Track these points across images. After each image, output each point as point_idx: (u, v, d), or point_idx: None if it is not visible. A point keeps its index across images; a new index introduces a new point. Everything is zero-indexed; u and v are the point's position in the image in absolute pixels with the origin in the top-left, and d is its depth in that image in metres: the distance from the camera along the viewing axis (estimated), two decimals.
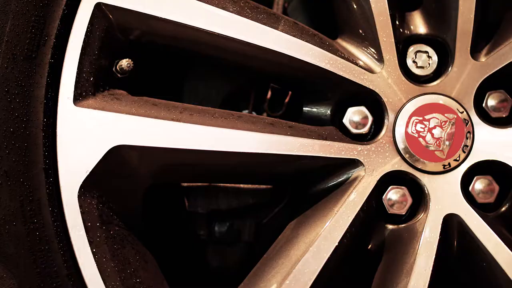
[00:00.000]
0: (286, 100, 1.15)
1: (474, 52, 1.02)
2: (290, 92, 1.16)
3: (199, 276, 1.15)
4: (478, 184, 1.03)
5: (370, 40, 1.01)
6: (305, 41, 0.97)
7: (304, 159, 0.97)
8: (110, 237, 0.93)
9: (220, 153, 0.94)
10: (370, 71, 1.01)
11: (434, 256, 0.96)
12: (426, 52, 1.05)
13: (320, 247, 0.94)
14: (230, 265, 1.15)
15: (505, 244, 0.97)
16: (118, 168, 0.94)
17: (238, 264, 1.13)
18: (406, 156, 1.00)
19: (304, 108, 1.07)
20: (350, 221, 0.96)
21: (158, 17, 0.94)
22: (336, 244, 0.95)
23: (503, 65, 1.01)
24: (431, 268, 0.95)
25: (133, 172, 0.95)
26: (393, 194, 1.02)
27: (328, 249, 0.94)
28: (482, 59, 1.02)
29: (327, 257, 0.94)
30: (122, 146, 0.92)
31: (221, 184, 1.14)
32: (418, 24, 1.07)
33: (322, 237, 0.95)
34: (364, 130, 1.03)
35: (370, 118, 1.03)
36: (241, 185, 1.14)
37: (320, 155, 0.97)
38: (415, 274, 0.95)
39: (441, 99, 1.02)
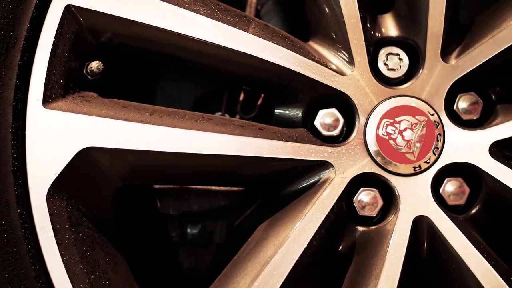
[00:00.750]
0: (259, 102, 1.15)
1: (445, 54, 1.02)
2: (262, 95, 1.17)
3: (171, 278, 1.15)
4: (449, 186, 1.04)
5: (341, 42, 1.02)
6: (276, 43, 0.98)
7: (274, 161, 0.97)
8: (79, 239, 0.93)
9: (190, 155, 0.94)
10: (341, 73, 1.01)
11: (403, 258, 0.96)
12: (398, 54, 1.05)
13: (289, 249, 0.95)
14: (202, 266, 1.15)
15: (473, 246, 0.97)
16: (87, 170, 0.94)
17: (210, 266, 1.14)
18: (377, 158, 1.01)
19: (276, 110, 1.07)
20: (320, 223, 0.96)
21: (127, 19, 0.94)
22: (305, 246, 0.95)
23: (473, 67, 1.01)
24: (400, 270, 0.96)
25: (102, 174, 0.95)
26: (364, 196, 1.03)
27: (297, 251, 0.95)
28: (453, 61, 1.02)
29: (296, 259, 0.94)
30: (91, 148, 0.92)
31: (193, 186, 1.14)
32: (390, 27, 1.07)
33: (291, 239, 0.95)
34: (336, 132, 1.03)
35: (341, 120, 1.04)
36: (213, 187, 1.14)
37: (290, 157, 0.97)
38: (384, 276, 0.95)
39: (411, 102, 1.02)
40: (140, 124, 0.93)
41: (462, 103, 1.05)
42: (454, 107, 1.05)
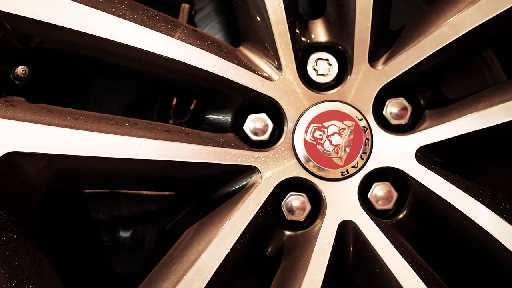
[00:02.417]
0: (191, 107, 1.15)
1: (373, 60, 1.03)
2: (195, 100, 1.17)
3: (103, 282, 1.15)
4: (377, 191, 1.04)
5: (269, 48, 1.02)
6: (202, 48, 0.98)
7: (199, 166, 0.97)
8: (2, 243, 0.93)
9: (112, 160, 0.94)
10: (269, 78, 1.01)
11: (327, 262, 0.97)
12: (327, 59, 1.06)
13: (212, 253, 0.95)
14: (134, 271, 1.15)
15: (397, 250, 0.97)
16: (11, 175, 0.93)
17: (142, 270, 1.13)
18: (305, 163, 1.01)
19: (207, 115, 1.07)
20: (244, 227, 0.96)
21: (54, 24, 0.94)
22: (229, 250, 0.95)
23: (399, 73, 1.02)
24: (323, 274, 0.96)
25: (27, 178, 0.95)
26: (291, 200, 1.03)
27: (220, 255, 0.95)
28: (380, 67, 1.03)
29: (219, 263, 0.94)
30: (14, 153, 0.92)
31: (124, 191, 1.14)
32: (320, 33, 1.08)
33: (214, 243, 0.95)
34: (265, 137, 1.04)
35: (270, 125, 1.04)
36: (145, 192, 1.14)
37: (215, 162, 0.97)
38: (307, 280, 0.95)
39: (340, 107, 1.03)
40: (64, 129, 0.93)
41: (390, 108, 1.05)
42: (383, 112, 1.05)
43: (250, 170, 1.00)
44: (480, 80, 1.21)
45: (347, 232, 1.01)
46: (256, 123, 1.04)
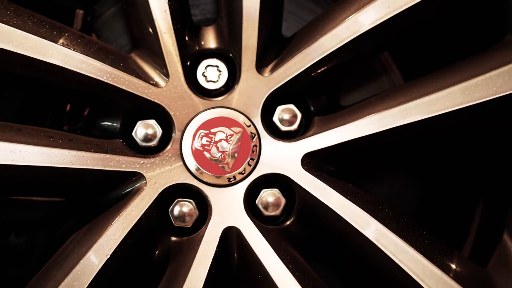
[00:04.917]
0: (85, 113, 1.15)
1: (261, 66, 1.03)
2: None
3: None
4: (264, 197, 1.05)
5: (157, 54, 1.03)
6: (86, 55, 0.98)
7: (81, 172, 0.97)
8: None
9: None
10: (157, 85, 1.02)
11: (208, 269, 0.97)
12: (217, 66, 1.06)
13: (91, 260, 0.95)
14: (26, 276, 1.14)
15: (279, 256, 0.97)
16: None
17: (33, 276, 1.13)
18: (192, 169, 1.01)
19: (99, 122, 1.08)
20: (126, 233, 0.96)
21: None
22: (108, 256, 0.95)
23: (286, 79, 1.02)
24: (203, 281, 0.96)
25: None
26: (178, 207, 1.04)
27: (99, 262, 0.95)
28: (267, 73, 1.03)
29: (97, 270, 0.94)
30: None
31: (16, 197, 1.14)
32: (211, 39, 1.08)
33: (94, 249, 0.95)
34: (153, 143, 1.04)
35: (159, 132, 1.04)
36: (37, 198, 1.14)
37: (97, 168, 0.97)
38: (187, 286, 0.96)
39: (228, 113, 1.03)
40: None
41: (280, 115, 1.06)
42: (273, 118, 1.06)
43: (135, 176, 1.00)
44: (379, 86, 1.22)
45: (232, 238, 1.01)
46: (146, 129, 1.05)
